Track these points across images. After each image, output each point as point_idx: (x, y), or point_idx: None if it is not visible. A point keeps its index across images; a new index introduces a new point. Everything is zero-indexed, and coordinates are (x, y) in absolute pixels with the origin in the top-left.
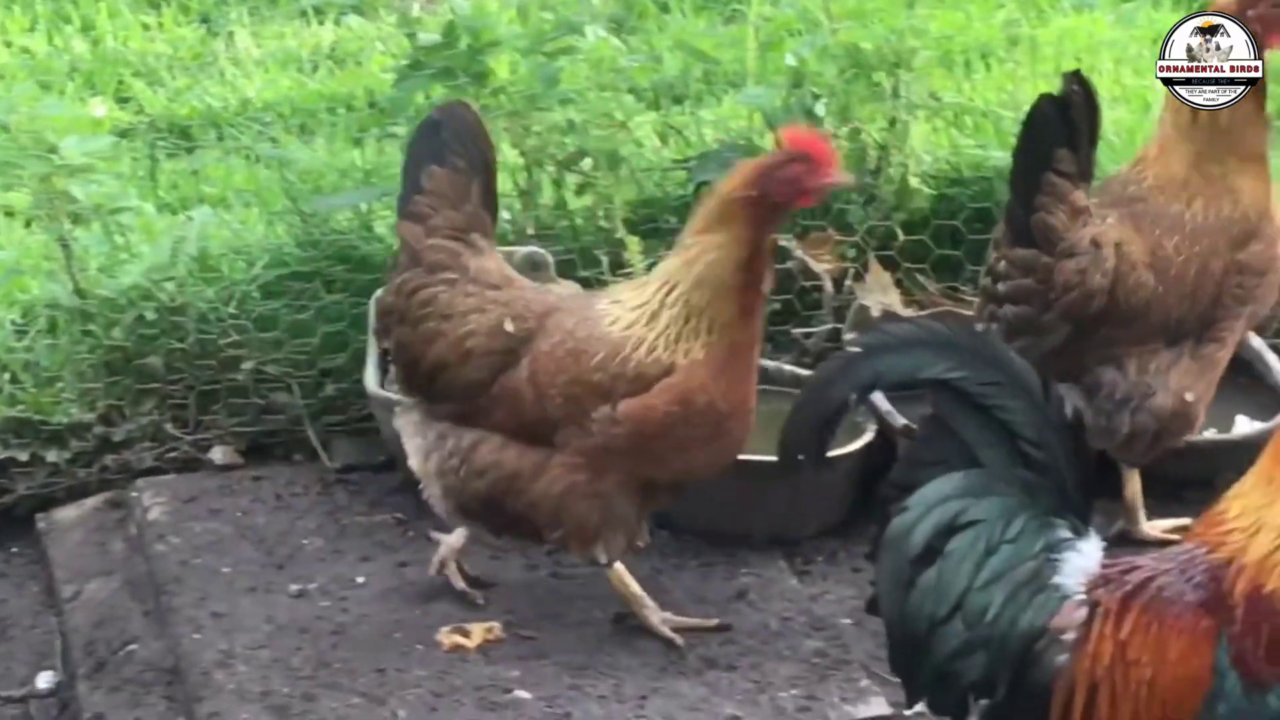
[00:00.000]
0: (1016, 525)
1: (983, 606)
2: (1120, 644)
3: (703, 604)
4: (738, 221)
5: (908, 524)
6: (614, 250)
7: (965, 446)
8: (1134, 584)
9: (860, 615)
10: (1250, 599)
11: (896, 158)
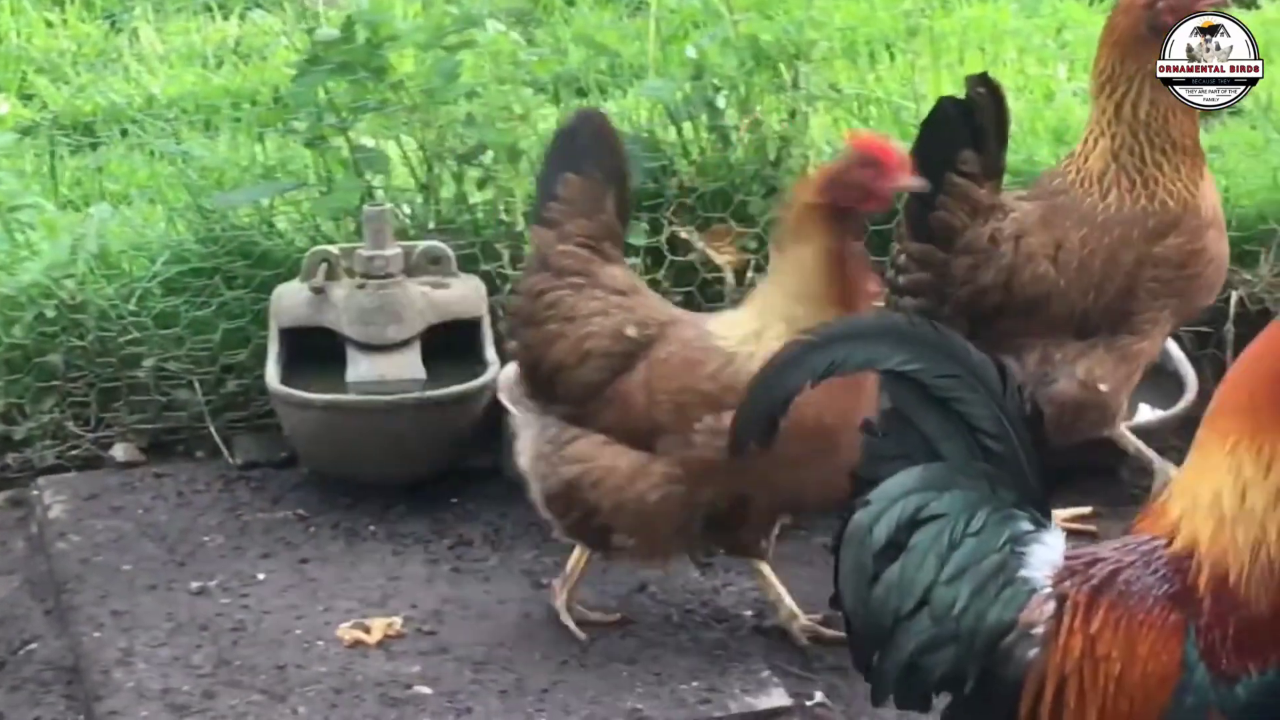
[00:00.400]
0: (980, 518)
1: (950, 601)
2: (1090, 639)
3: (604, 598)
4: (814, 231)
5: (870, 519)
6: (515, 244)
7: (925, 440)
8: (1101, 577)
9: (761, 606)
10: (1216, 591)
11: (797, 149)
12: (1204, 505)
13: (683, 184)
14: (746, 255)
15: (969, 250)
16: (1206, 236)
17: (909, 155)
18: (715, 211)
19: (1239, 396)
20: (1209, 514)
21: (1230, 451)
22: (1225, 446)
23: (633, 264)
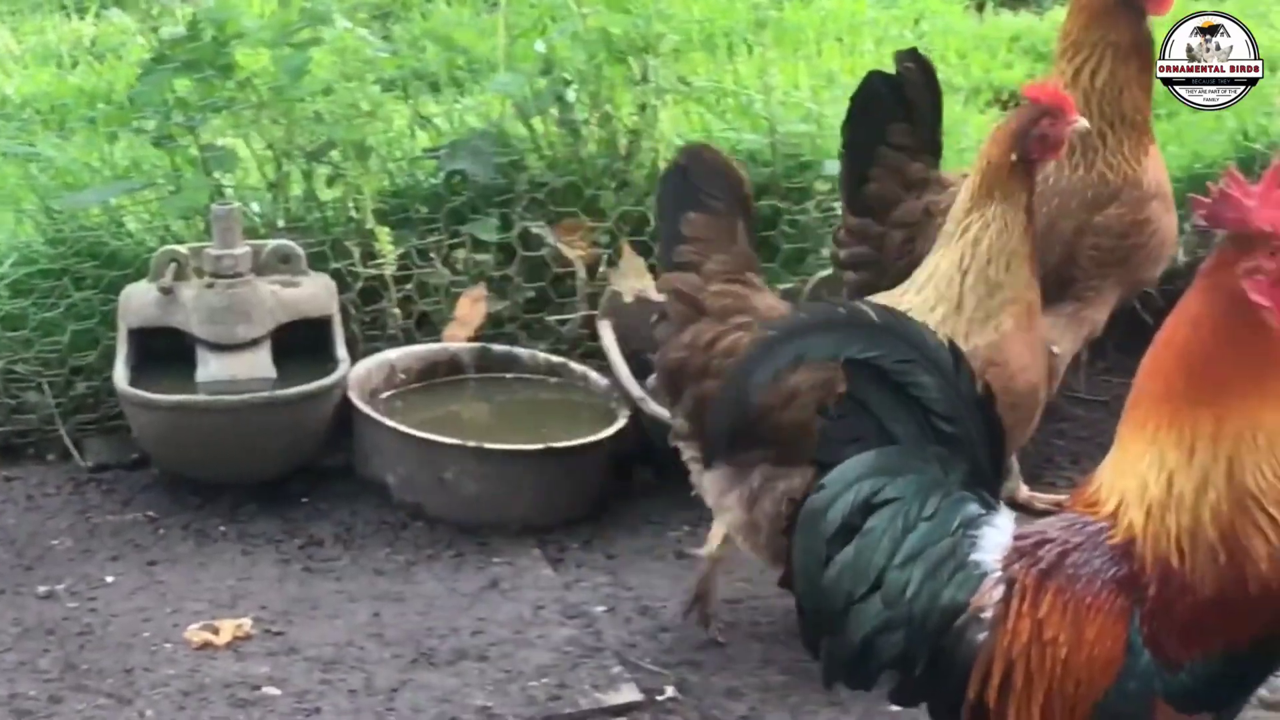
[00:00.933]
0: (933, 502)
1: (902, 584)
2: (1037, 622)
3: (455, 595)
4: (1008, 188)
5: (824, 502)
6: (364, 241)
7: (880, 423)
8: (1049, 560)
9: (614, 602)
10: (1162, 578)
11: (647, 143)
12: (1133, 496)
13: (533, 179)
14: (598, 249)
15: (904, 223)
16: (1149, 208)
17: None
18: (566, 206)
19: (1154, 384)
20: (1139, 505)
21: (1152, 440)
22: (1146, 435)
23: (483, 259)
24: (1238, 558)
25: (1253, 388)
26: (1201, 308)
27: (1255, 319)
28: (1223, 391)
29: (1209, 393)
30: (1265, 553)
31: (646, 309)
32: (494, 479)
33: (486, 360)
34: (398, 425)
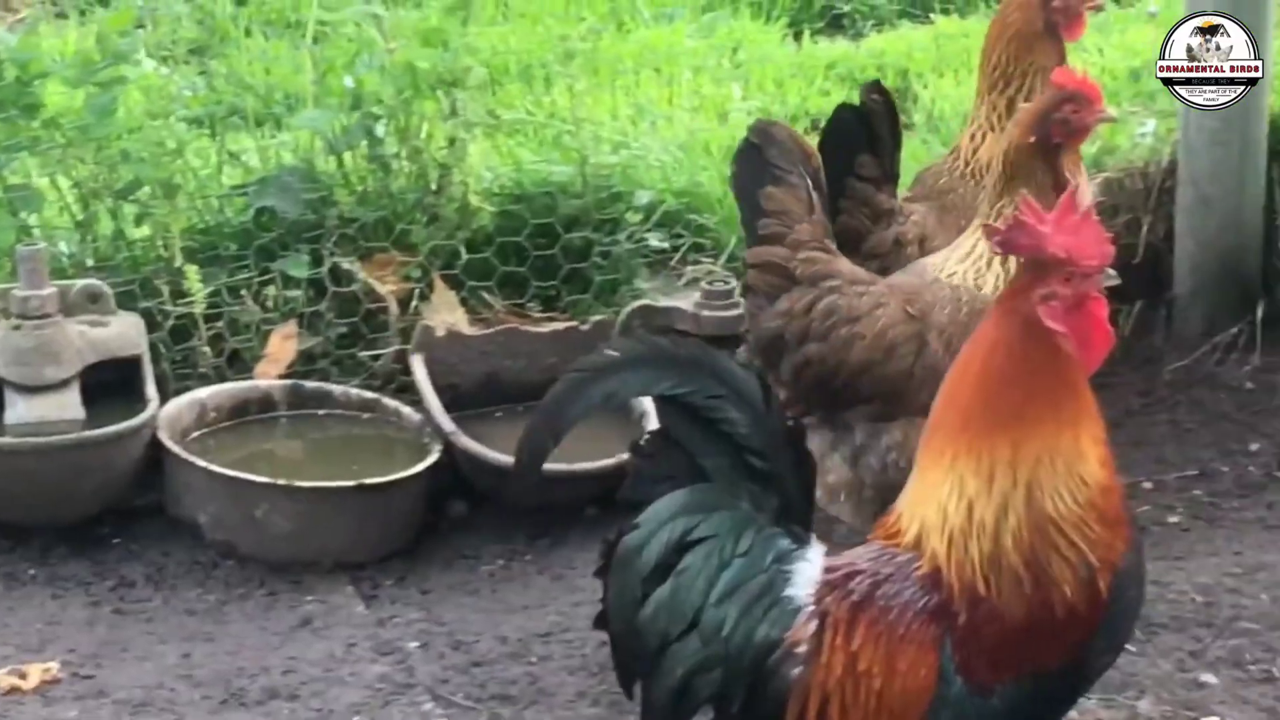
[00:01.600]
0: (747, 538)
1: (718, 622)
2: (851, 655)
3: (266, 634)
4: (1032, 169)
5: (639, 541)
6: (174, 279)
7: (692, 460)
8: (861, 592)
9: (427, 638)
10: (971, 605)
11: (458, 176)
12: (933, 524)
13: (343, 214)
14: (410, 283)
15: (875, 254)
16: None
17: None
18: (377, 241)
19: (952, 411)
20: (940, 533)
21: (950, 468)
22: (944, 463)
23: (294, 296)
24: (1042, 582)
25: (1049, 413)
26: (997, 334)
27: (1050, 345)
28: (1019, 417)
29: (1006, 419)
30: (1069, 576)
31: (459, 342)
32: (305, 516)
33: (299, 397)
34: (207, 464)
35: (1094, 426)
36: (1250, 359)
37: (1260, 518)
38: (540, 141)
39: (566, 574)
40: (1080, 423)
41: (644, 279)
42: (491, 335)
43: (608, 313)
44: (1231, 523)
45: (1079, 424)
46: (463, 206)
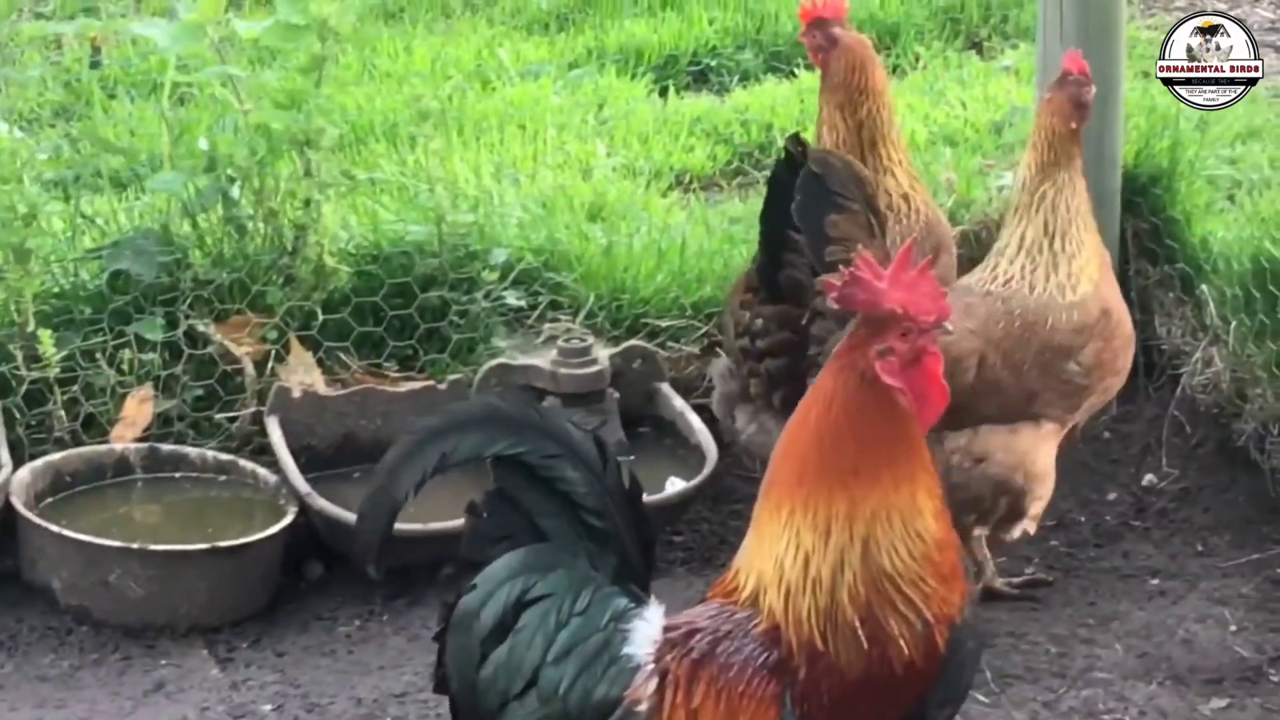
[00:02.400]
0: (585, 597)
1: (556, 681)
2: (692, 712)
3: (118, 699)
4: (1070, 153)
5: (477, 602)
6: (27, 344)
7: (529, 519)
8: (700, 650)
9: (281, 700)
10: (810, 660)
11: (313, 236)
12: (770, 579)
13: (198, 276)
14: (266, 345)
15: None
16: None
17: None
18: (233, 303)
19: (789, 466)
20: (777, 588)
21: (786, 522)
22: (781, 517)
23: (149, 359)
24: (878, 638)
25: (885, 468)
26: (834, 389)
27: (887, 400)
28: (855, 472)
29: (842, 474)
30: (905, 632)
31: (315, 403)
32: (159, 580)
33: (155, 460)
34: (60, 529)
35: (929, 481)
36: (1108, 410)
37: (1115, 567)
38: (402, 201)
39: (423, 634)
40: (916, 478)
41: (501, 337)
42: (348, 396)
43: (465, 371)
44: (1087, 572)
45: (915, 479)
46: (318, 267)
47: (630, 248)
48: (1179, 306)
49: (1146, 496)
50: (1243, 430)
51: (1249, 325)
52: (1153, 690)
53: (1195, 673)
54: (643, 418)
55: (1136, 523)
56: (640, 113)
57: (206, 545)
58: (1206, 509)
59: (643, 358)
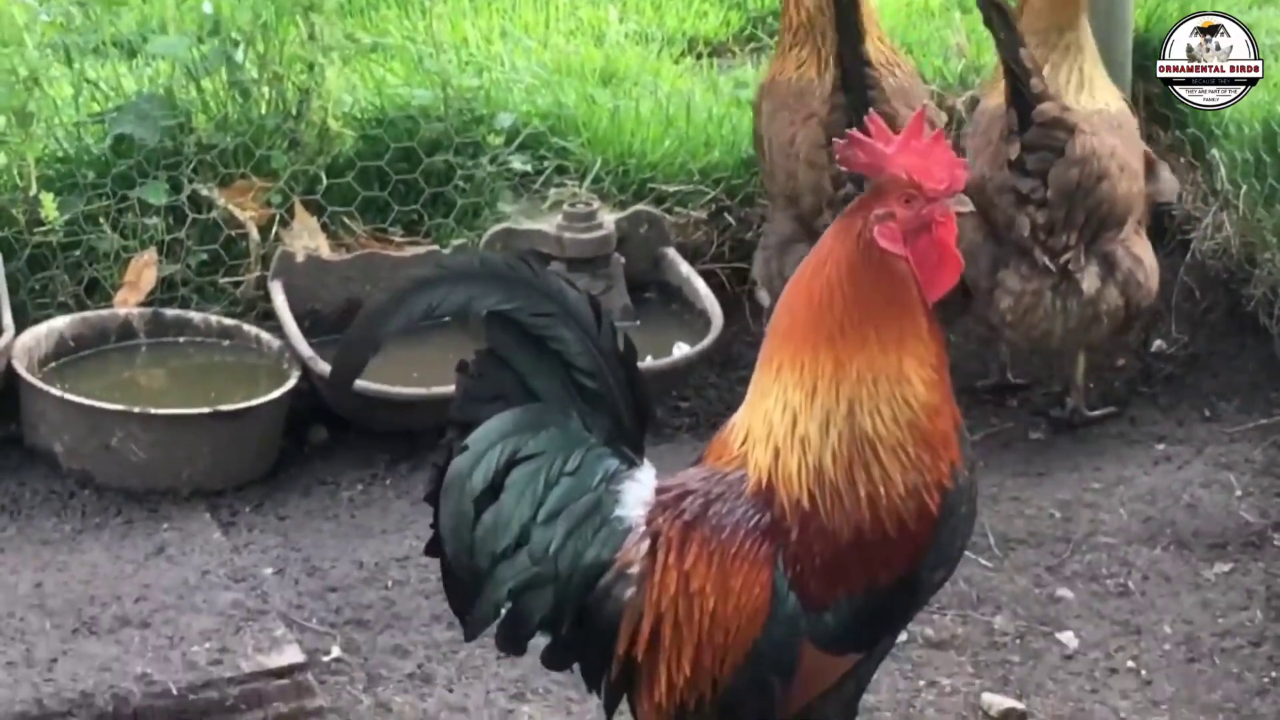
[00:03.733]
0: (576, 458)
1: (546, 541)
2: (684, 574)
3: (120, 562)
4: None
5: (468, 463)
6: (30, 208)
7: (521, 380)
8: (693, 512)
9: (283, 564)
10: (802, 522)
11: (317, 101)
12: (760, 436)
13: (202, 141)
14: (270, 210)
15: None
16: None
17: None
18: (237, 167)
19: (781, 322)
20: (766, 446)
21: (776, 378)
22: (771, 373)
23: (153, 224)
24: (867, 501)
25: (873, 332)
26: (834, 250)
27: (883, 265)
28: (843, 333)
29: (830, 333)
30: (894, 496)
31: (319, 268)
32: (162, 444)
33: (159, 325)
34: (62, 393)
35: (922, 350)
36: None
37: (1122, 433)
38: (411, 67)
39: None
40: (905, 344)
41: (507, 202)
42: (352, 260)
43: (470, 236)
44: (1093, 438)
45: (904, 345)
46: (323, 131)
47: (638, 112)
48: (1190, 171)
49: (1155, 362)
50: (1252, 295)
51: (1259, 190)
52: (1156, 554)
53: (1199, 537)
54: (648, 283)
55: (1144, 388)
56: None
57: (209, 409)
58: (1214, 374)
59: (649, 223)
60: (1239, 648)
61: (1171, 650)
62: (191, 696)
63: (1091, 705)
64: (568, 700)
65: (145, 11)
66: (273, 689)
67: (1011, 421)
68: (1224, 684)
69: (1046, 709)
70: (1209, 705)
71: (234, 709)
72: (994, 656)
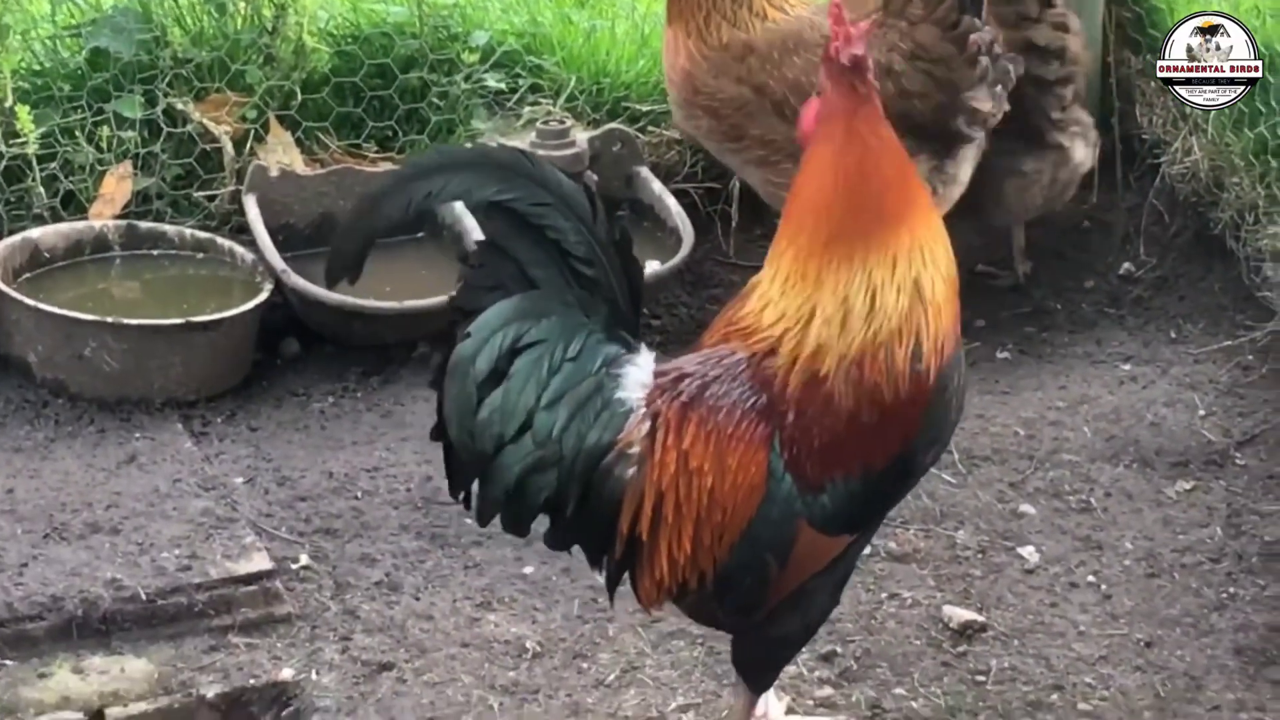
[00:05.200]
0: (576, 343)
1: (550, 424)
2: (683, 454)
3: (91, 470)
4: None
5: (472, 350)
6: (6, 120)
7: (521, 269)
8: (690, 393)
9: (253, 473)
10: (800, 403)
11: (293, 17)
12: (771, 318)
13: (178, 54)
14: (245, 124)
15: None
16: None
17: None
18: (212, 81)
19: (788, 209)
20: (775, 325)
21: (779, 265)
22: (778, 258)
23: (128, 137)
24: (869, 381)
25: (874, 222)
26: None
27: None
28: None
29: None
30: (892, 377)
31: (293, 183)
32: (134, 354)
33: (133, 238)
34: (36, 303)
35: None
36: (1087, 199)
37: (1088, 353)
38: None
39: (395, 410)
40: (915, 226)
41: (481, 119)
42: (326, 175)
43: None
44: (1060, 358)
45: (913, 226)
46: (298, 47)
47: (613, 32)
48: (1160, 96)
49: (1123, 285)
50: (1219, 219)
51: (1228, 114)
52: (1119, 472)
53: (1162, 455)
54: (621, 201)
55: (1111, 310)
56: None
57: (182, 320)
58: (1181, 297)
59: (622, 141)
60: (1198, 564)
61: (1131, 566)
62: (160, 602)
63: (1051, 618)
64: (533, 609)
65: None
66: (241, 595)
67: (978, 341)
68: (1182, 599)
69: (1006, 621)
70: (1167, 619)
71: (202, 614)
72: (955, 570)
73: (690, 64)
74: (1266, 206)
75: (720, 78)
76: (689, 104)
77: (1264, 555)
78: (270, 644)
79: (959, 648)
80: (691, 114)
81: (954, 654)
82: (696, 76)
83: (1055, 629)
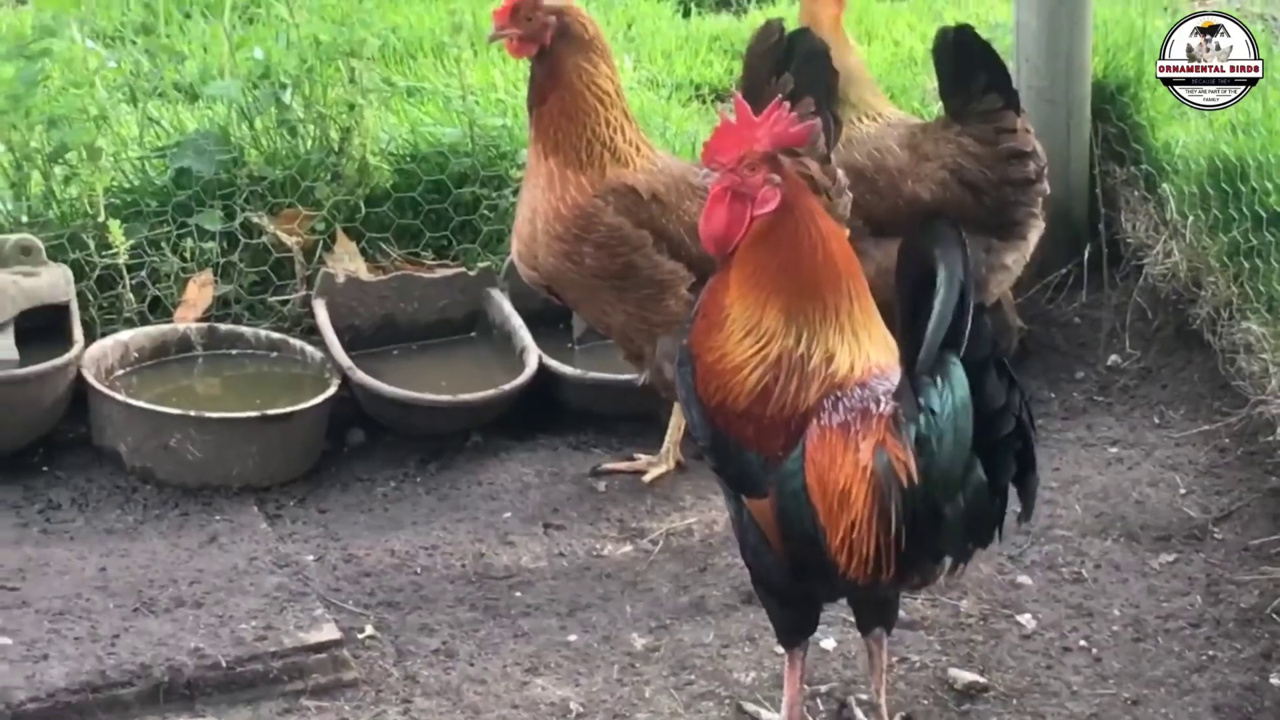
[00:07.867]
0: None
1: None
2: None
3: (176, 549)
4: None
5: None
6: (99, 233)
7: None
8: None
9: (323, 552)
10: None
11: (357, 138)
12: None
13: (253, 173)
14: (314, 236)
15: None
16: None
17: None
18: (285, 197)
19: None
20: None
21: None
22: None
23: (209, 247)
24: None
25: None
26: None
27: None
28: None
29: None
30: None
31: (358, 288)
32: (215, 444)
33: (214, 338)
34: (126, 399)
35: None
36: (1077, 297)
37: (1080, 438)
38: (440, 107)
39: (451, 494)
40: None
41: None
42: (388, 281)
43: (494, 259)
44: (1054, 443)
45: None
46: (362, 166)
47: None
48: (1143, 204)
49: (1111, 375)
50: (1198, 315)
51: (1204, 220)
52: (1108, 545)
53: (1146, 530)
54: None
55: (1100, 398)
56: (665, 31)
57: (258, 413)
58: (1164, 385)
59: None
60: (1181, 629)
61: (1120, 631)
62: (239, 669)
63: (1047, 679)
64: (576, 674)
65: (204, 59)
66: (312, 662)
67: None
68: (1166, 661)
69: (1006, 682)
70: (1153, 680)
71: (277, 680)
72: (959, 636)
73: (583, 199)
74: (1240, 304)
75: (621, 216)
76: (577, 239)
77: (1240, 621)
78: (339, 707)
79: (963, 706)
80: (575, 249)
81: (959, 712)
82: (595, 215)
83: (1050, 689)
